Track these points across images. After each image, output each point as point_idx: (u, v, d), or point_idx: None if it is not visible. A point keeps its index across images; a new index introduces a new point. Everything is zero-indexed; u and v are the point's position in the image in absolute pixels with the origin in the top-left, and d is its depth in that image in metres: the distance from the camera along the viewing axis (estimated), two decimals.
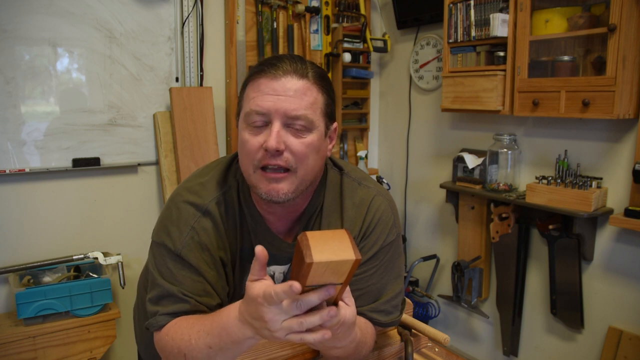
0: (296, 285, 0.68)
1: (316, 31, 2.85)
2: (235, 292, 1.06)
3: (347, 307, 0.80)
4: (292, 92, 0.89)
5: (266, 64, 0.92)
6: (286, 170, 0.91)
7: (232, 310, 0.84)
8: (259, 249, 0.75)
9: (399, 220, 1.10)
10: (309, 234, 0.70)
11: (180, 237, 0.97)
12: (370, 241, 1.04)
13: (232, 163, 1.08)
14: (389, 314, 1.05)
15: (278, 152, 0.89)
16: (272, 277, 1.08)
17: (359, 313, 1.00)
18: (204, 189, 1.02)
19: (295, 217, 1.05)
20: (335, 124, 1.00)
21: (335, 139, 1.02)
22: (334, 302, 0.78)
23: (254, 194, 1.01)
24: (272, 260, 1.05)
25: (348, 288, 0.80)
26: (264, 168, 0.92)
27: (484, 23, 2.25)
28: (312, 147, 0.92)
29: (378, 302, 1.03)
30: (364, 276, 1.03)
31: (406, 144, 3.08)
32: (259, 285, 0.75)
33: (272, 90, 0.89)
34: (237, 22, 2.58)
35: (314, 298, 0.71)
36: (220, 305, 0.98)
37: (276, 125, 0.89)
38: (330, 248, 0.69)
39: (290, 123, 0.90)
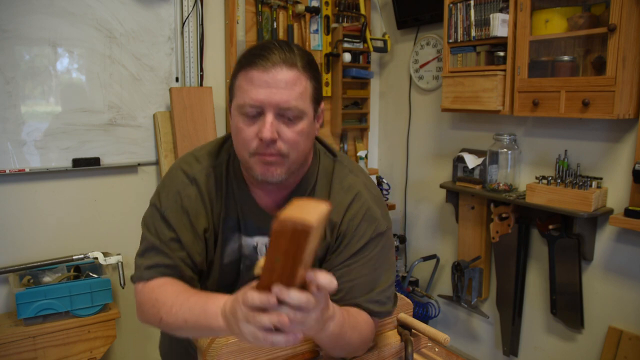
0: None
1: (316, 31, 2.85)
2: (214, 260, 1.12)
3: (308, 294, 0.74)
4: (283, 84, 0.95)
5: (257, 55, 0.97)
6: (280, 155, 0.98)
7: (220, 300, 0.88)
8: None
9: (387, 212, 1.14)
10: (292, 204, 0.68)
11: (167, 200, 1.08)
12: (359, 233, 1.07)
13: (227, 139, 1.15)
14: (383, 304, 1.08)
15: (272, 142, 0.96)
16: (255, 247, 1.13)
17: (355, 304, 1.03)
18: (197, 160, 1.12)
19: (285, 195, 1.10)
20: (322, 105, 1.06)
21: (322, 117, 1.08)
22: (301, 286, 0.72)
23: (245, 172, 1.07)
24: (257, 231, 1.11)
25: (322, 274, 0.74)
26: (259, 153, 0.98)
27: (484, 23, 2.25)
28: (303, 133, 0.99)
29: (373, 292, 1.06)
30: (354, 267, 1.06)
31: (406, 144, 3.07)
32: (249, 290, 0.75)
33: (264, 82, 0.95)
34: (237, 22, 2.58)
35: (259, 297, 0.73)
36: (195, 266, 1.07)
37: (269, 117, 0.95)
38: (302, 211, 0.66)
39: (282, 113, 0.96)
